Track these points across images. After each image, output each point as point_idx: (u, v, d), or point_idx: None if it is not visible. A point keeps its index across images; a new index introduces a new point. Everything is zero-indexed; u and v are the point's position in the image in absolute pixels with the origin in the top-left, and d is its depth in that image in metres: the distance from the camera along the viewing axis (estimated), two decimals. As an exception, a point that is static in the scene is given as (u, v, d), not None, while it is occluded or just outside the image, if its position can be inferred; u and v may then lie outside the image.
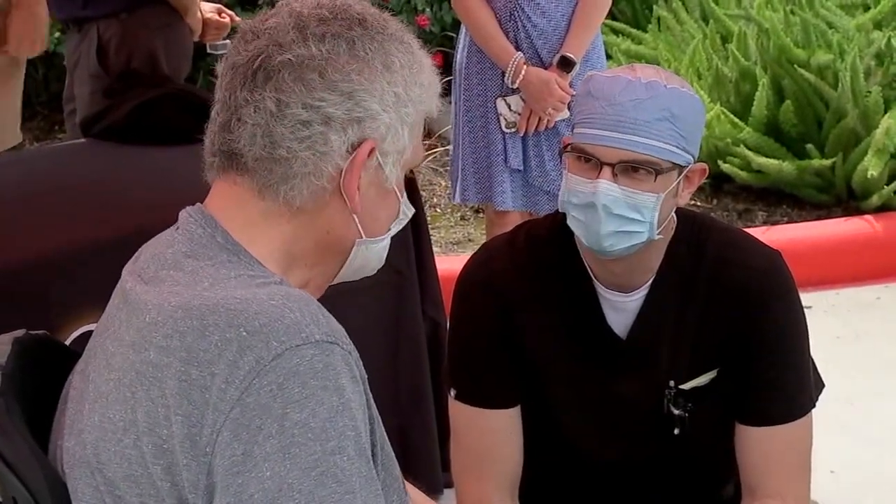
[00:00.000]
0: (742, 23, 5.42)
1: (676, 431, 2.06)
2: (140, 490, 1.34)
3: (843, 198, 5.09)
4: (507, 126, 3.70)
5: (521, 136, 3.71)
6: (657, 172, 1.92)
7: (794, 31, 5.23)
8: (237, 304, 1.34)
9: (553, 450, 2.14)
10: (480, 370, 2.09)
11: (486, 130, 3.74)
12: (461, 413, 2.12)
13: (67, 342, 2.44)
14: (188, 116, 1.49)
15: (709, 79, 5.32)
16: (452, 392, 2.12)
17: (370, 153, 1.42)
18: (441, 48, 6.30)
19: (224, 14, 4.06)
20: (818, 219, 4.99)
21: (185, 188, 1.55)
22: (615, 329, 2.06)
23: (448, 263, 3.87)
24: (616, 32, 5.92)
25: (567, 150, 1.98)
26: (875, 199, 4.88)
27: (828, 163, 4.97)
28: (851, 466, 3.42)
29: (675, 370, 2.06)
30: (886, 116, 4.91)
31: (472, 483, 2.12)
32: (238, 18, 4.02)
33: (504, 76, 3.67)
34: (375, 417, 1.41)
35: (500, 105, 3.70)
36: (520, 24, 3.65)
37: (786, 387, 2.05)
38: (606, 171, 1.92)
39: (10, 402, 1.45)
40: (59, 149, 3.32)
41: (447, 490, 2.98)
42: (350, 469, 1.30)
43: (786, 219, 5.06)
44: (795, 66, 5.07)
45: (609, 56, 4.61)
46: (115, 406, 1.37)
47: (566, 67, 3.64)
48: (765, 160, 4.99)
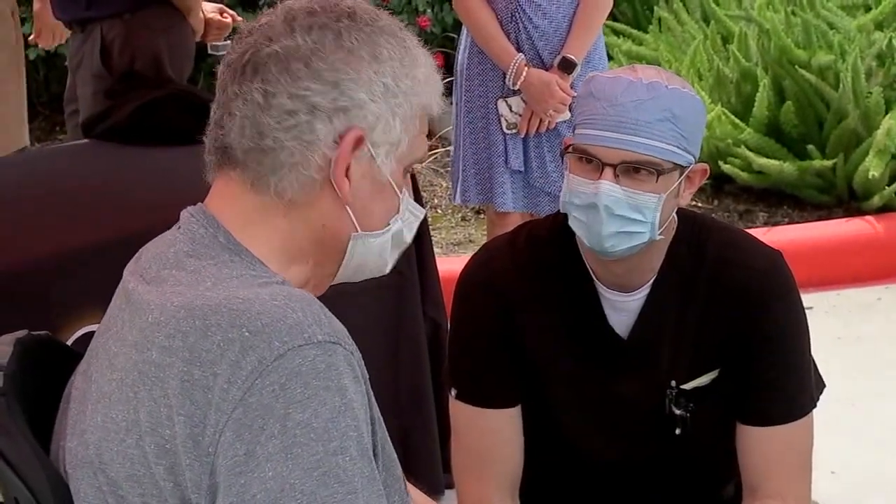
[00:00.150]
0: (743, 23, 5.41)
1: (678, 431, 2.07)
2: (142, 490, 1.34)
3: (844, 198, 5.08)
4: (508, 127, 3.70)
5: (522, 138, 3.71)
6: (659, 173, 1.92)
7: (795, 32, 5.23)
8: (240, 304, 1.34)
9: (553, 450, 2.15)
10: (481, 370, 2.09)
11: (487, 131, 3.74)
12: (462, 413, 2.12)
13: (69, 343, 2.44)
14: (189, 117, 1.49)
15: (710, 79, 5.32)
16: (453, 392, 2.12)
17: (359, 142, 1.42)
18: (442, 49, 6.30)
19: (226, 14, 4.06)
20: (819, 219, 4.99)
21: (187, 189, 1.55)
22: (616, 329, 2.06)
23: (449, 264, 3.87)
24: (617, 33, 5.92)
25: (568, 151, 1.98)
26: (876, 200, 4.88)
27: (829, 163, 4.97)
28: (852, 467, 3.42)
29: (677, 370, 2.06)
30: (887, 117, 4.90)
31: (473, 483, 2.12)
32: (239, 18, 4.02)
33: (505, 77, 3.67)
34: (377, 418, 1.41)
35: (501, 106, 3.70)
36: (521, 26, 3.65)
37: (786, 387, 2.05)
38: (608, 172, 1.92)
39: (12, 403, 1.45)
40: (61, 149, 3.32)
41: (448, 491, 2.98)
42: (352, 469, 1.30)
43: (787, 220, 5.06)
44: (796, 67, 5.06)
45: (610, 57, 4.60)
46: (118, 406, 1.37)
47: (567, 69, 3.64)
48: (766, 161, 4.99)
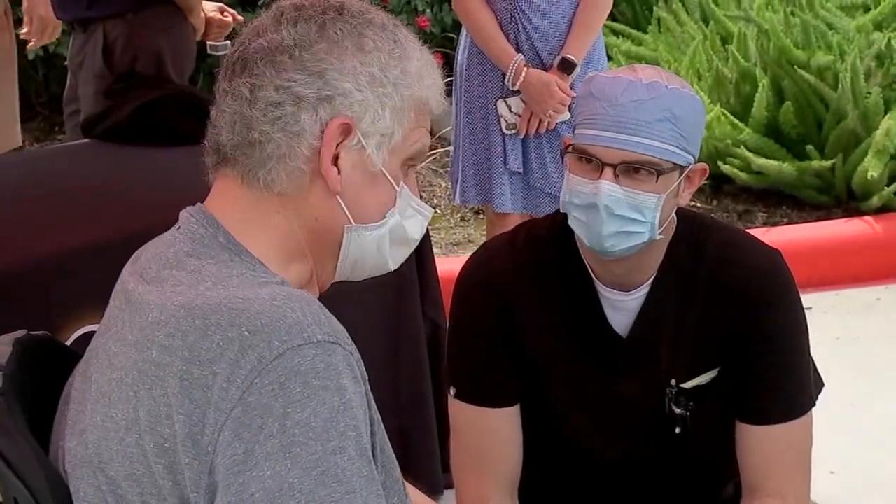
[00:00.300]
0: (742, 24, 5.42)
1: (677, 431, 2.07)
2: (142, 489, 1.35)
3: (844, 199, 5.09)
4: (508, 128, 3.69)
5: (522, 138, 3.70)
6: (658, 173, 1.92)
7: (794, 33, 5.23)
8: (239, 304, 1.34)
9: (553, 449, 2.15)
10: (480, 369, 2.09)
11: (487, 132, 3.74)
12: (461, 412, 2.12)
13: (68, 343, 2.44)
14: (189, 117, 1.50)
15: (709, 80, 5.32)
16: (452, 391, 2.12)
17: (346, 131, 1.42)
18: (441, 49, 6.30)
19: (226, 13, 4.06)
20: (818, 220, 4.99)
21: (187, 189, 1.56)
22: (616, 328, 2.06)
23: (448, 264, 3.87)
24: (616, 33, 5.92)
25: (568, 151, 1.98)
26: (875, 200, 4.88)
27: (828, 164, 4.97)
28: (851, 467, 3.42)
29: (676, 369, 2.06)
30: (886, 117, 4.90)
31: (472, 482, 2.12)
32: (240, 17, 4.02)
33: (505, 78, 3.67)
34: (376, 419, 1.41)
35: (501, 107, 3.69)
36: (520, 26, 3.65)
37: (786, 386, 2.05)
38: (608, 172, 1.92)
39: (11, 403, 1.46)
40: (60, 150, 3.32)
41: (447, 491, 2.98)
42: (351, 469, 1.30)
43: (786, 220, 5.06)
44: (795, 68, 5.07)
45: (609, 57, 4.60)
46: (118, 405, 1.37)
47: (567, 69, 3.63)
48: (765, 161, 4.99)
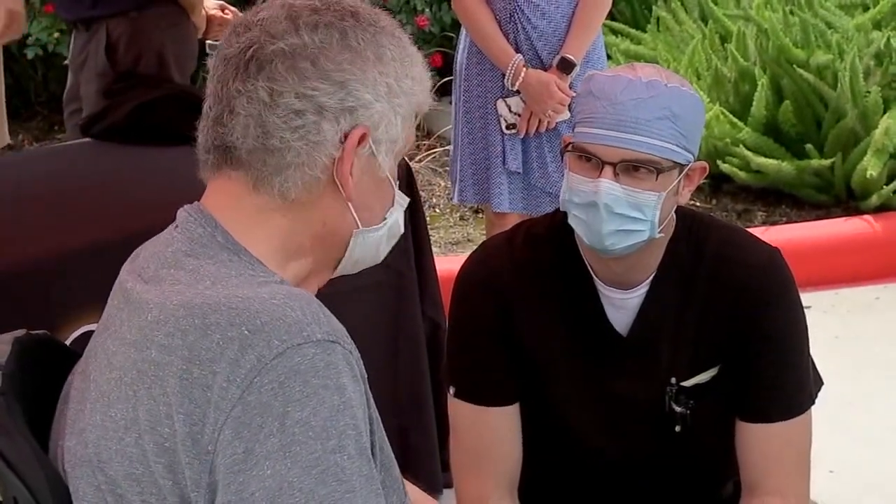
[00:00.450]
0: (741, 23, 5.42)
1: (678, 429, 2.07)
2: (141, 489, 1.34)
3: (843, 198, 5.09)
4: (508, 127, 3.69)
5: (522, 138, 3.70)
6: (658, 171, 1.93)
7: (794, 32, 5.23)
8: (239, 303, 1.34)
9: (553, 448, 2.15)
10: (479, 368, 2.09)
11: (486, 132, 3.73)
12: (460, 411, 2.12)
13: (68, 342, 2.44)
14: (188, 117, 1.49)
15: (708, 79, 5.32)
16: (451, 390, 2.12)
17: (362, 140, 1.42)
18: (440, 48, 6.30)
19: (227, 11, 4.06)
20: (817, 219, 4.99)
21: (186, 188, 1.55)
22: (616, 327, 2.06)
23: (447, 264, 3.86)
24: (615, 33, 5.92)
25: (568, 150, 1.98)
26: (874, 199, 4.88)
27: (827, 163, 4.97)
28: (850, 466, 3.42)
29: (677, 367, 2.06)
30: (885, 116, 4.90)
31: (472, 480, 2.12)
32: (241, 15, 4.01)
33: (504, 78, 3.67)
34: (375, 418, 1.41)
35: (501, 106, 3.69)
36: (519, 26, 3.64)
37: (785, 385, 2.05)
38: (608, 171, 1.92)
39: (11, 402, 1.45)
40: (60, 149, 3.32)
41: (447, 490, 2.98)
42: (350, 468, 1.30)
43: (785, 219, 5.06)
44: (794, 67, 5.07)
45: (608, 56, 4.60)
46: (117, 405, 1.37)
47: (566, 69, 3.63)
48: (764, 160, 4.99)
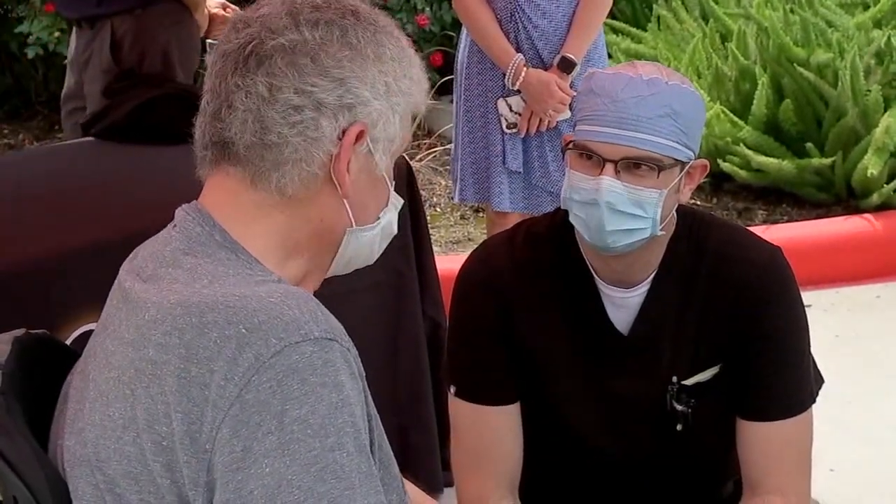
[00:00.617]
0: (742, 22, 5.42)
1: (679, 428, 2.06)
2: (140, 487, 1.34)
3: (843, 196, 5.09)
4: (508, 127, 3.69)
5: (523, 138, 3.70)
6: (660, 169, 1.93)
7: (794, 30, 5.23)
8: (236, 302, 1.34)
9: (554, 447, 2.14)
10: (480, 368, 2.09)
11: (486, 131, 3.73)
12: (461, 410, 2.12)
13: (68, 342, 2.44)
14: (189, 116, 1.49)
15: (708, 78, 5.32)
16: (452, 389, 2.12)
17: (360, 137, 1.42)
18: (441, 47, 6.30)
19: (229, 9, 4.06)
20: (818, 217, 4.99)
21: (186, 188, 1.55)
22: (617, 325, 2.06)
23: (448, 263, 3.87)
24: (616, 31, 5.92)
25: (569, 148, 1.98)
26: (875, 198, 4.88)
27: (827, 161, 4.97)
28: (851, 465, 3.42)
29: (678, 366, 2.06)
30: (886, 115, 4.90)
31: (472, 480, 2.12)
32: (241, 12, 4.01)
33: (505, 77, 3.67)
34: (374, 415, 1.41)
35: (501, 106, 3.69)
36: (520, 25, 3.64)
37: (786, 383, 2.05)
38: (609, 168, 1.92)
39: (11, 401, 1.45)
40: (60, 148, 3.32)
41: (447, 489, 2.98)
42: (349, 465, 1.30)
43: (785, 217, 5.06)
44: (795, 65, 5.06)
45: (609, 55, 4.60)
46: (115, 404, 1.37)
47: (566, 68, 3.63)
48: (764, 159, 4.99)
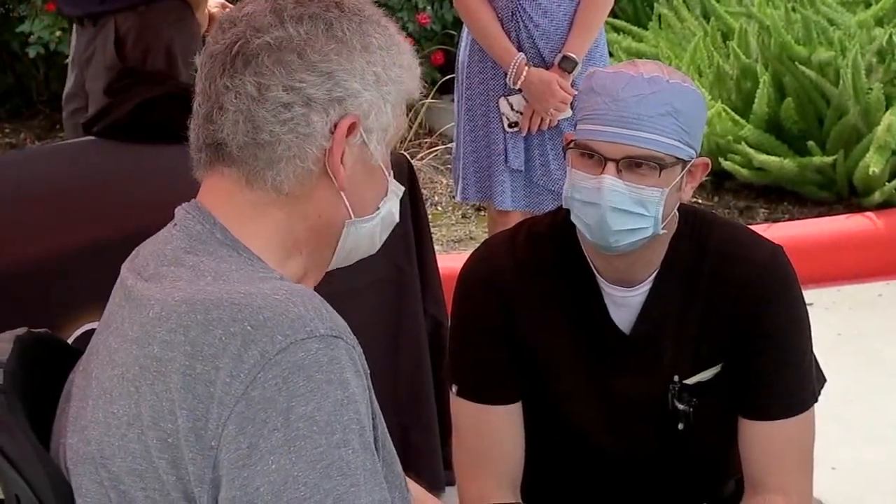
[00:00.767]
0: (743, 20, 5.41)
1: (680, 427, 2.06)
2: (145, 484, 1.34)
3: (845, 195, 5.08)
4: (510, 126, 3.69)
5: (525, 136, 3.70)
6: (661, 167, 1.92)
7: (796, 28, 5.23)
8: (241, 299, 1.34)
9: (556, 446, 2.14)
10: (482, 367, 2.09)
11: (487, 129, 3.73)
12: (462, 409, 2.12)
13: (70, 340, 2.44)
14: (190, 115, 1.49)
15: (710, 76, 5.32)
16: (454, 388, 2.12)
17: (352, 129, 1.42)
18: (442, 46, 6.30)
19: (228, 9, 4.06)
20: (819, 216, 4.99)
21: (187, 187, 1.55)
22: (618, 324, 2.06)
23: (449, 261, 3.87)
24: (617, 30, 5.92)
25: (570, 147, 1.98)
26: (877, 196, 4.88)
27: (829, 160, 4.97)
28: (853, 463, 3.42)
29: (679, 365, 2.06)
30: (888, 113, 4.90)
31: (474, 479, 2.12)
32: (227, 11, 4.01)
33: (506, 76, 3.66)
34: (377, 413, 1.41)
35: (503, 104, 3.69)
36: (521, 24, 3.64)
37: (788, 382, 2.05)
38: (611, 167, 1.92)
39: (12, 400, 1.45)
40: (61, 147, 3.32)
41: (449, 488, 2.98)
42: (355, 462, 1.30)
43: (787, 216, 5.06)
44: (796, 64, 5.06)
45: (610, 54, 4.60)
46: (120, 401, 1.37)
47: (568, 67, 3.63)
48: (766, 157, 4.99)
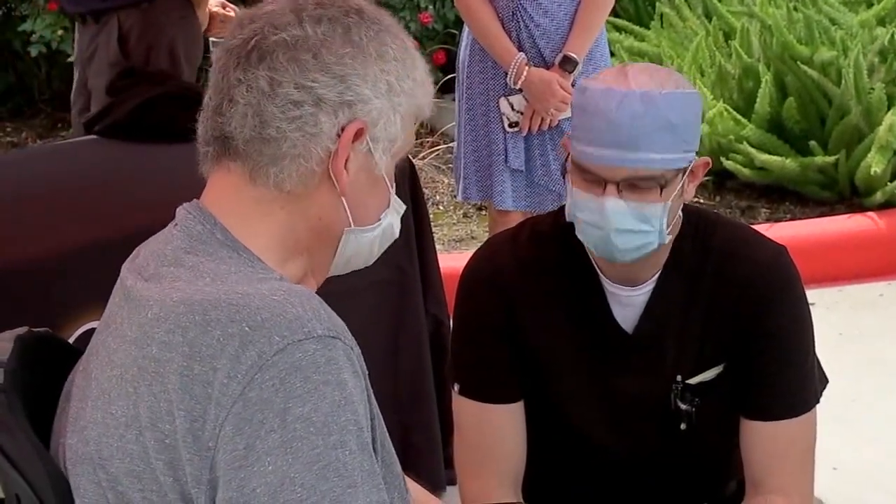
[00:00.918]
0: (745, 19, 5.41)
1: (682, 427, 2.06)
2: (142, 485, 1.34)
3: (847, 195, 5.08)
4: (510, 126, 3.69)
5: (525, 136, 3.70)
6: (662, 186, 1.92)
7: (797, 28, 5.22)
8: (239, 299, 1.34)
9: (558, 445, 2.14)
10: (484, 365, 2.09)
11: (488, 129, 3.73)
12: (464, 408, 2.12)
13: (71, 340, 2.44)
14: (191, 114, 1.49)
15: (712, 76, 5.31)
16: (456, 387, 2.12)
17: (359, 135, 1.42)
18: (444, 45, 6.30)
19: (228, 8, 4.07)
20: (821, 216, 4.99)
21: (187, 187, 1.55)
22: (621, 324, 2.05)
23: (451, 261, 3.87)
24: (619, 30, 5.92)
25: (570, 164, 1.96)
26: (878, 196, 4.87)
27: (831, 160, 4.96)
28: (854, 464, 3.42)
29: (682, 365, 2.05)
30: (890, 113, 4.90)
31: (475, 478, 2.12)
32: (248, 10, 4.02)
33: (506, 75, 3.66)
34: (376, 414, 1.41)
35: (503, 104, 3.69)
36: (522, 24, 3.64)
37: (790, 383, 2.04)
38: (611, 188, 1.91)
39: (13, 399, 1.45)
40: (61, 147, 3.32)
41: (450, 487, 2.98)
42: (352, 463, 1.30)
43: (789, 216, 5.05)
44: (798, 63, 5.06)
45: (612, 53, 4.60)
46: (118, 402, 1.37)
47: (568, 67, 3.62)
48: (768, 157, 4.99)
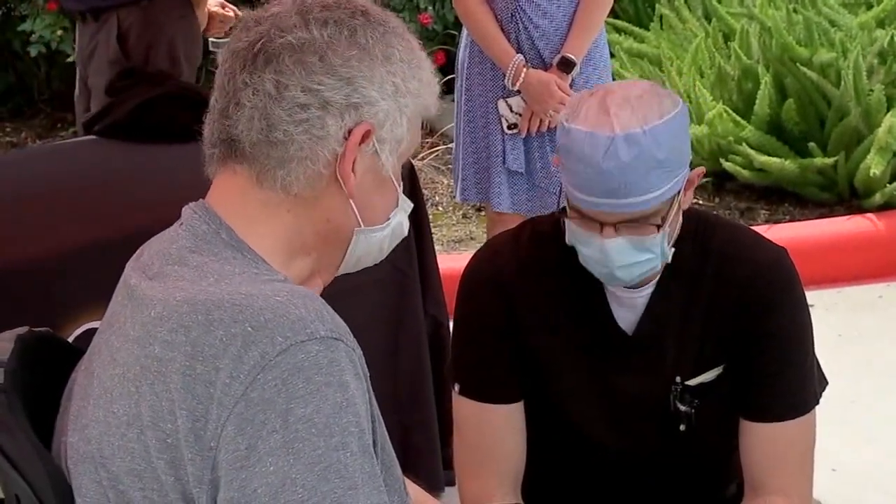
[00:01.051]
0: (744, 21, 5.41)
1: (682, 428, 2.06)
2: (143, 485, 1.35)
3: (846, 196, 5.08)
4: (509, 127, 3.69)
5: (525, 138, 3.70)
6: (660, 223, 1.92)
7: (797, 30, 5.22)
8: (242, 300, 1.34)
9: (558, 446, 2.14)
10: (484, 366, 2.09)
11: (487, 131, 3.73)
12: (464, 408, 2.12)
13: (71, 339, 2.44)
14: (190, 114, 1.49)
15: (711, 77, 5.32)
16: (456, 387, 2.12)
17: (366, 137, 1.42)
18: (443, 46, 6.30)
19: (227, 8, 4.08)
20: (820, 217, 4.99)
21: (188, 186, 1.55)
22: (622, 325, 2.06)
23: (450, 262, 3.87)
24: (618, 31, 5.92)
25: (564, 199, 1.96)
26: (877, 198, 4.87)
27: (830, 161, 4.97)
28: (853, 465, 3.42)
29: (682, 366, 2.05)
30: (889, 115, 4.90)
31: (475, 478, 2.12)
32: (241, 13, 4.02)
33: (505, 77, 3.66)
34: (377, 416, 1.41)
35: (502, 106, 3.68)
36: (521, 26, 3.63)
37: (789, 384, 2.04)
38: (609, 229, 1.92)
39: (13, 399, 1.46)
40: (61, 147, 3.32)
41: (449, 488, 2.98)
42: (353, 465, 1.30)
43: (788, 217, 5.06)
44: (798, 65, 5.06)
45: (612, 54, 4.60)
46: (120, 401, 1.37)
47: (566, 68, 3.62)
48: (767, 158, 4.99)
